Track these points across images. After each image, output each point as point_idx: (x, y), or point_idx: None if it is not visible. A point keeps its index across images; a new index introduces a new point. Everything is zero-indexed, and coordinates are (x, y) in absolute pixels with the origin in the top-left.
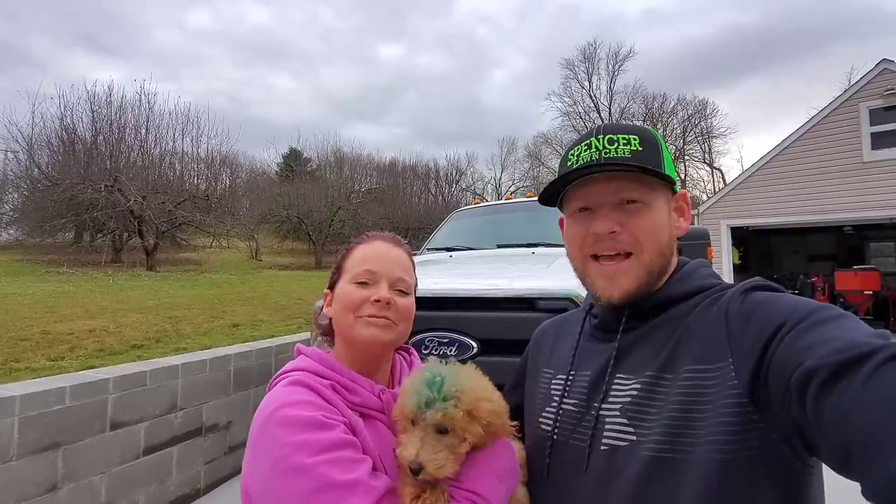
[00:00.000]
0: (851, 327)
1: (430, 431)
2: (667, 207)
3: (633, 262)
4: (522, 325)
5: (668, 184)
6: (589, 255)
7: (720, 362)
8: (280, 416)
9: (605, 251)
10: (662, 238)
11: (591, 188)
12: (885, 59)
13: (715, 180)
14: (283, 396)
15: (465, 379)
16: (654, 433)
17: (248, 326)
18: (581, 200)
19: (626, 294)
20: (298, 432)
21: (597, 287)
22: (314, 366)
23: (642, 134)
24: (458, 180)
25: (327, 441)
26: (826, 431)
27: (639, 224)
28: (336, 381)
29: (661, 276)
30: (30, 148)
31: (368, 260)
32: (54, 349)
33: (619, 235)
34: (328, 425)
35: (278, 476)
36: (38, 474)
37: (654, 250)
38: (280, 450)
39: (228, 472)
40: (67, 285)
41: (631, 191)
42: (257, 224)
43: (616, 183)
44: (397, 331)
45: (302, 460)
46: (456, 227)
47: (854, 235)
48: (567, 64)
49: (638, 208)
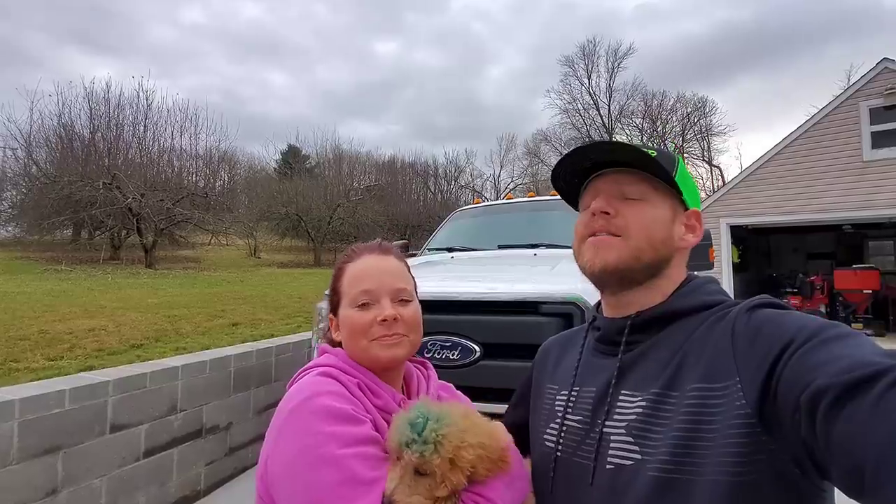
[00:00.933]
0: (860, 345)
1: (410, 471)
2: (670, 213)
3: (620, 241)
4: (526, 329)
5: (675, 192)
6: (587, 236)
7: (727, 381)
8: (314, 405)
9: (598, 230)
10: (655, 233)
11: (600, 181)
12: (885, 59)
13: (714, 178)
14: (316, 385)
15: (451, 422)
16: (659, 453)
17: (247, 325)
18: (591, 195)
19: (607, 265)
20: (331, 423)
21: (584, 258)
22: (340, 364)
23: (662, 150)
24: (457, 177)
25: (357, 435)
26: (836, 453)
27: (633, 213)
28: (361, 380)
29: (650, 268)
30: (28, 145)
31: (362, 279)
32: (53, 349)
33: (611, 218)
34: (359, 420)
35: (307, 464)
36: (38, 478)
37: (643, 239)
38: (312, 438)
39: (229, 473)
40: (66, 283)
41: (633, 185)
42: (256, 221)
43: (620, 178)
44: (411, 341)
45: (332, 451)
46: (457, 226)
47: (853, 234)
48: (566, 61)
49: (636, 202)
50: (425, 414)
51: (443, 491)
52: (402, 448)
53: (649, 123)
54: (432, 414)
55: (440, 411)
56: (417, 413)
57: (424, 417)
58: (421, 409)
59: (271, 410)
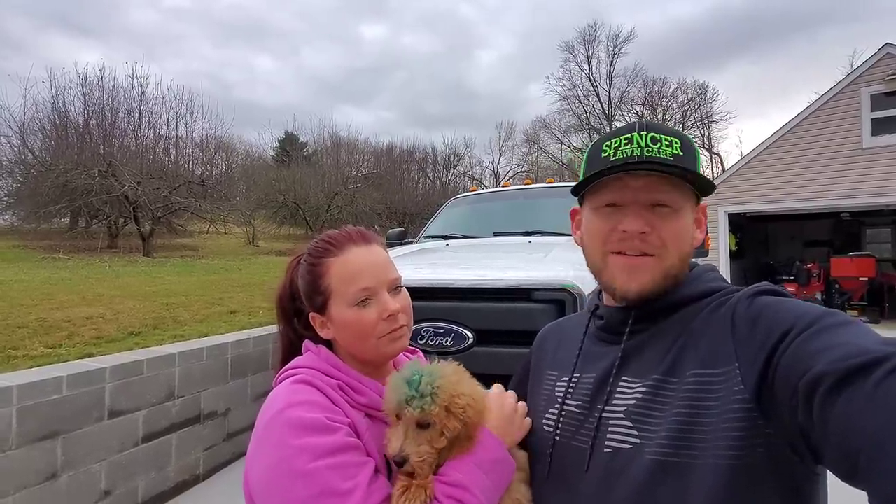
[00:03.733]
0: (860, 333)
1: (412, 426)
2: (692, 216)
3: (655, 261)
4: (519, 315)
5: (697, 193)
6: (611, 252)
7: (726, 367)
8: (285, 418)
9: (631, 251)
10: (685, 245)
11: (626, 184)
12: (887, 44)
13: (714, 165)
14: (289, 395)
15: (442, 376)
16: (658, 437)
17: (245, 313)
18: (611, 195)
19: (643, 290)
20: (301, 435)
21: (616, 280)
22: (321, 364)
23: (683, 139)
24: (456, 165)
25: (330, 446)
26: (832, 438)
27: (668, 228)
28: (343, 380)
29: (675, 282)
30: (22, 133)
31: (357, 276)
32: (52, 336)
33: (647, 237)
34: (331, 428)
35: (278, 478)
36: (37, 463)
37: (676, 256)
38: (282, 451)
39: (227, 458)
40: (64, 271)
41: (664, 194)
42: (254, 209)
43: (652, 184)
44: (410, 329)
45: (303, 465)
46: (452, 214)
47: (850, 222)
48: (566, 46)
49: (668, 213)
50: (419, 371)
51: (442, 441)
52: (401, 406)
53: (649, 110)
54: (425, 370)
55: (431, 368)
56: (411, 371)
57: (419, 374)
58: (413, 367)
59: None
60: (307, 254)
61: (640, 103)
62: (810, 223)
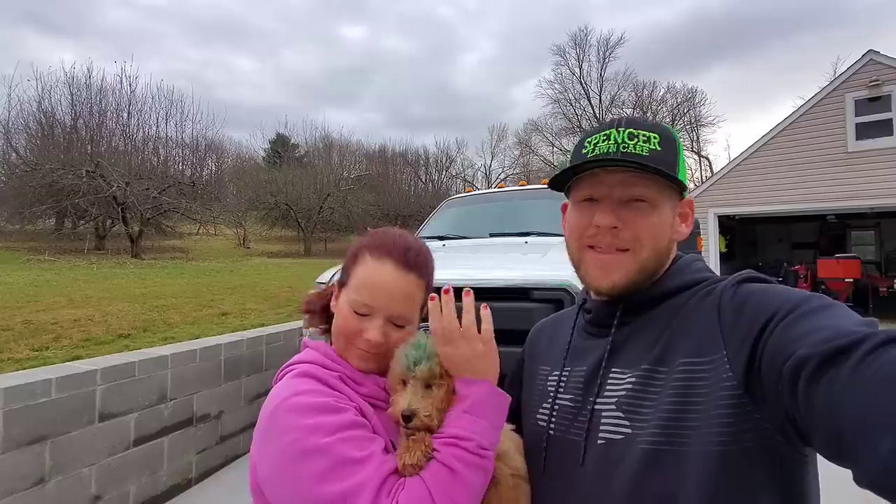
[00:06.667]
0: (841, 316)
1: (419, 386)
2: (672, 211)
3: (628, 257)
4: (517, 315)
5: (678, 188)
6: (586, 245)
7: (714, 354)
8: (290, 404)
9: (603, 245)
10: (661, 240)
11: (602, 180)
12: (871, 51)
13: (702, 169)
14: (292, 386)
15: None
16: (649, 426)
17: (237, 315)
18: (589, 190)
19: (615, 287)
20: (311, 416)
21: (590, 276)
22: (321, 359)
23: (663, 133)
24: (448, 167)
25: (340, 422)
26: (817, 419)
27: (641, 223)
28: (343, 372)
29: (653, 275)
30: (6, 132)
31: (370, 291)
32: (38, 339)
33: (619, 232)
34: (340, 409)
35: (291, 459)
36: (24, 467)
37: (650, 250)
38: (293, 433)
39: (220, 461)
40: (50, 273)
41: (640, 189)
42: (245, 211)
43: (627, 179)
44: (387, 359)
45: (316, 441)
46: (448, 215)
47: (836, 224)
48: (558, 50)
49: (643, 207)
50: (423, 339)
51: (445, 403)
52: (409, 371)
53: (640, 114)
54: (426, 340)
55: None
56: (416, 340)
57: (424, 341)
58: (417, 338)
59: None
60: (368, 236)
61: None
62: (798, 226)
